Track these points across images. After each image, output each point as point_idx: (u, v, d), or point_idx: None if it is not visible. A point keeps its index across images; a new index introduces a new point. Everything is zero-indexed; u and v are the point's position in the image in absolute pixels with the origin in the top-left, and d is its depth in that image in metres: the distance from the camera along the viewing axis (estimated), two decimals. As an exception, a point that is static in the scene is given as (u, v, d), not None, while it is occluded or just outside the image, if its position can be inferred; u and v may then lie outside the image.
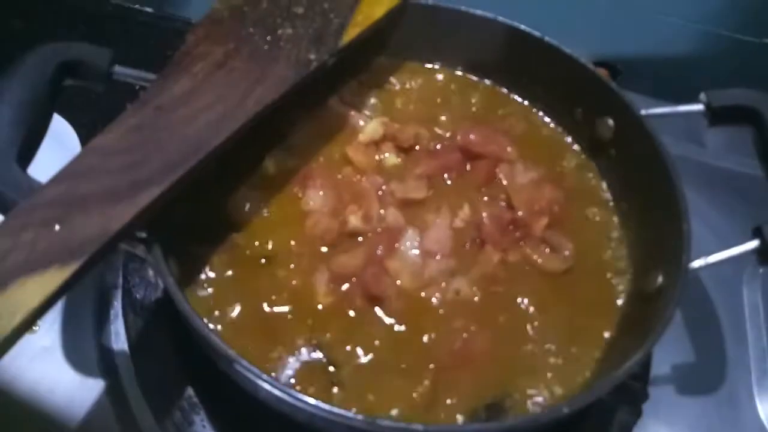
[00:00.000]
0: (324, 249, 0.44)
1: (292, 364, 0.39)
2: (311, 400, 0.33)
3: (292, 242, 0.44)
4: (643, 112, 0.47)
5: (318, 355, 0.40)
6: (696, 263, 0.40)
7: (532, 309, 0.43)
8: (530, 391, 0.40)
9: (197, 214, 0.44)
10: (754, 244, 0.41)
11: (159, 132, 0.38)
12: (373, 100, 0.53)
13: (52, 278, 0.29)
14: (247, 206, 0.45)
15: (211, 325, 0.40)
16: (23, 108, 0.36)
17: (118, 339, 0.47)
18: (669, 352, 0.49)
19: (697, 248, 0.41)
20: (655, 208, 0.45)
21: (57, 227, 0.31)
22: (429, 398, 0.39)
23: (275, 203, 0.46)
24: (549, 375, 0.41)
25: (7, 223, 0.31)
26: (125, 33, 0.73)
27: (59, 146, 0.51)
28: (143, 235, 0.37)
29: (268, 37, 0.45)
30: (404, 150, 0.50)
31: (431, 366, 0.40)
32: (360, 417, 0.32)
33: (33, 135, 0.37)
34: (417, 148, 0.50)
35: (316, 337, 0.41)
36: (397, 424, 0.33)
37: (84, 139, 0.51)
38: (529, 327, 0.43)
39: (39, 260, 0.30)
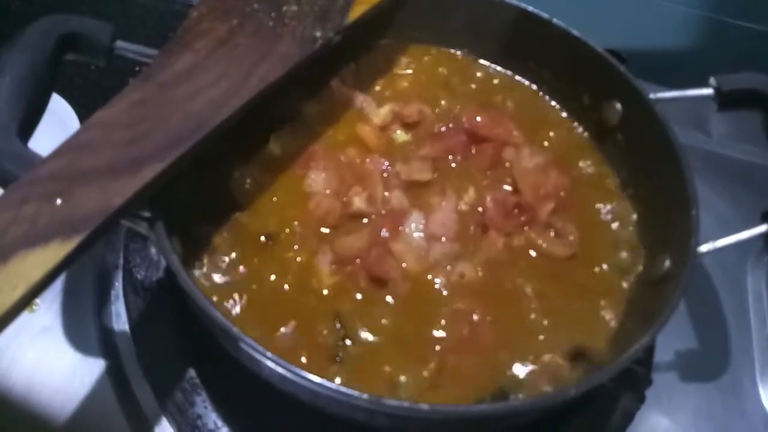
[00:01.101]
0: (326, 230, 0.44)
1: (297, 343, 0.39)
2: (316, 379, 0.32)
3: (296, 223, 0.44)
4: (651, 96, 0.47)
5: (323, 334, 0.39)
6: (704, 247, 0.40)
7: (536, 294, 0.43)
8: (535, 376, 0.40)
9: (201, 193, 0.43)
10: (762, 228, 0.41)
11: (161, 108, 0.37)
12: (377, 82, 0.52)
13: (54, 252, 0.29)
14: (252, 186, 0.45)
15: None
16: (24, 81, 0.35)
17: (119, 319, 0.46)
18: (673, 340, 0.49)
19: (704, 236, 0.40)
20: (662, 192, 0.45)
21: (58, 201, 0.30)
22: (435, 381, 0.38)
23: (279, 184, 0.46)
24: (555, 361, 0.40)
25: (8, 197, 0.30)
26: (126, 14, 0.72)
27: (59, 126, 0.51)
28: (147, 213, 0.37)
29: (273, 14, 0.45)
30: (409, 126, 0.50)
31: (437, 348, 0.40)
32: (365, 396, 0.32)
33: (33, 109, 0.36)
34: (424, 123, 0.50)
35: (320, 317, 0.40)
36: (402, 404, 0.32)
37: (83, 119, 0.51)
38: (533, 312, 0.42)
39: (40, 234, 0.29)
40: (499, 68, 0.55)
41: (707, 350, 0.50)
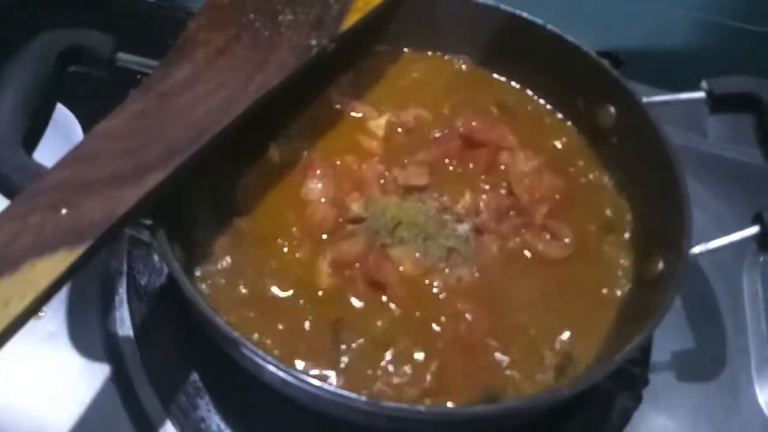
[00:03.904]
0: (324, 236, 0.44)
1: (297, 348, 0.40)
2: (315, 382, 0.33)
3: (294, 229, 0.45)
4: (644, 99, 0.47)
5: (323, 339, 0.40)
6: (696, 249, 0.40)
7: (532, 296, 0.44)
8: (531, 378, 0.40)
9: (202, 199, 0.44)
10: (754, 230, 0.42)
11: (162, 117, 0.38)
12: (374, 89, 0.53)
13: (61, 260, 0.30)
14: (251, 193, 0.46)
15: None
16: (28, 94, 0.36)
17: (123, 325, 0.47)
18: (669, 340, 0.50)
19: (699, 236, 0.41)
20: (656, 195, 0.45)
21: (64, 211, 0.31)
22: (436, 382, 0.39)
23: (278, 191, 0.46)
24: (551, 361, 0.41)
25: (15, 207, 0.31)
26: (125, 22, 0.72)
27: (61, 135, 0.52)
28: (149, 221, 0.37)
29: (269, 24, 0.46)
30: (407, 131, 0.51)
31: (437, 350, 0.40)
32: (363, 398, 0.32)
33: (38, 121, 0.37)
34: (420, 128, 0.50)
35: (319, 321, 0.41)
36: (399, 406, 0.33)
37: (86, 129, 0.52)
38: (529, 314, 0.43)
39: (47, 243, 0.30)
40: (494, 73, 0.55)
41: (704, 350, 0.51)
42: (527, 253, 0.46)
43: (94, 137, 0.36)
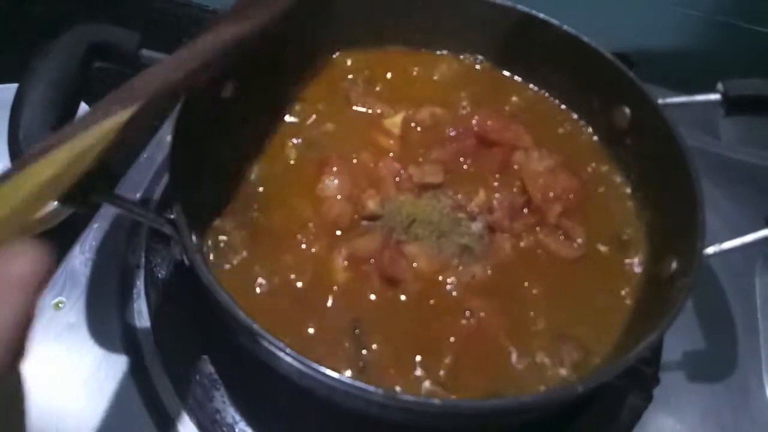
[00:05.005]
0: (340, 232, 0.45)
1: (316, 344, 0.40)
2: (333, 374, 0.33)
3: (311, 224, 0.45)
4: (659, 101, 0.47)
5: (340, 338, 0.41)
6: (710, 249, 0.40)
7: (545, 295, 0.44)
8: (543, 376, 0.41)
9: (221, 194, 0.45)
10: (767, 232, 0.42)
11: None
12: (390, 88, 0.54)
13: (119, 117, 0.32)
14: (269, 189, 0.46)
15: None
16: (56, 88, 0.37)
17: (141, 317, 0.48)
18: (681, 340, 0.50)
19: (711, 238, 0.41)
20: (670, 196, 0.46)
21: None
22: (450, 378, 0.39)
23: (296, 187, 0.47)
24: (563, 359, 0.41)
25: None
26: (142, 19, 0.74)
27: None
28: (170, 214, 0.38)
29: None
30: (422, 130, 0.51)
31: (451, 347, 0.41)
32: (380, 391, 0.33)
33: (65, 114, 0.38)
34: (436, 126, 0.51)
35: (334, 315, 0.41)
36: (416, 398, 0.34)
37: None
38: (542, 312, 0.43)
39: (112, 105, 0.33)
40: (509, 73, 0.56)
41: (715, 351, 0.51)
42: (540, 251, 0.46)
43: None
